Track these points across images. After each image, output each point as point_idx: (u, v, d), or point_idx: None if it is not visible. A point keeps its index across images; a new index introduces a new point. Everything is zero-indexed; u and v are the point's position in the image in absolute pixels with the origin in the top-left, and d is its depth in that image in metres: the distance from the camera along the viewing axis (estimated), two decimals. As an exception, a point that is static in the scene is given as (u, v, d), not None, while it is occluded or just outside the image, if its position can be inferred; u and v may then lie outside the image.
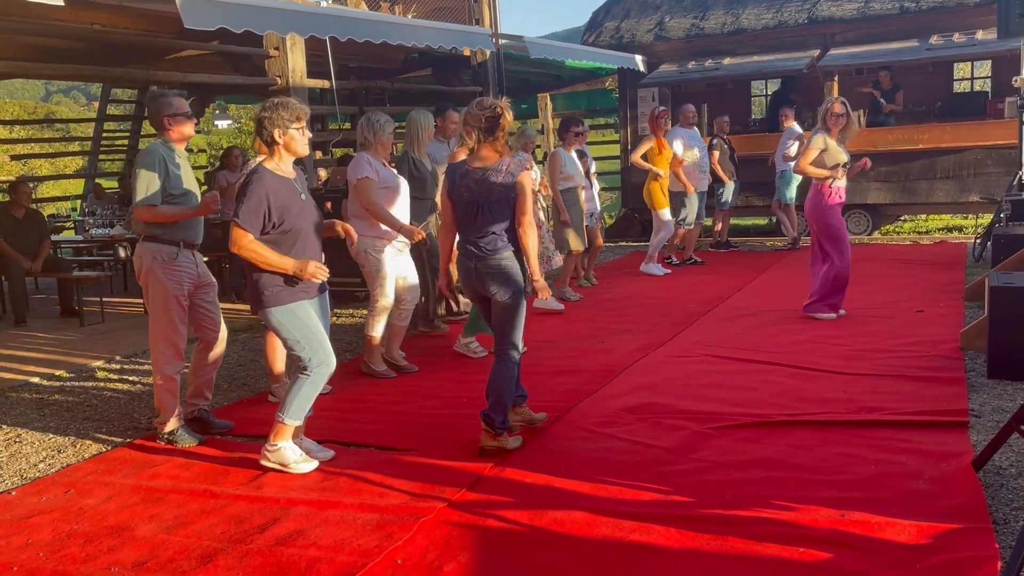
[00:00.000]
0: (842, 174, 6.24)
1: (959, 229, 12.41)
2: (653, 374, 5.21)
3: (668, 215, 8.99)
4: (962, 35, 11.06)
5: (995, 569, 2.63)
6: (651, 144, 8.84)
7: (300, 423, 3.86)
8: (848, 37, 11.91)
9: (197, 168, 13.29)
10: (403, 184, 5.49)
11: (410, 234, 5.26)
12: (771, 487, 3.39)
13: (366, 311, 5.58)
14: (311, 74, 8.83)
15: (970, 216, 12.43)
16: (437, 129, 6.52)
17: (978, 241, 9.14)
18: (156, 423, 4.43)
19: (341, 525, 3.28)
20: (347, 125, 12.47)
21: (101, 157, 15.80)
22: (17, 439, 4.65)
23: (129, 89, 14.90)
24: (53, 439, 4.61)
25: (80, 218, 11.77)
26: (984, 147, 10.78)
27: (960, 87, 13.29)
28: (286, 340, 3.82)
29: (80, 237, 10.67)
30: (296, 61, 8.55)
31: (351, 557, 3.00)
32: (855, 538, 2.92)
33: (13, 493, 3.84)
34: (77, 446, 4.47)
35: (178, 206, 4.30)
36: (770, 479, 3.48)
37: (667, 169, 8.91)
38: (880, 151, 10.98)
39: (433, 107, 6.78)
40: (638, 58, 12.87)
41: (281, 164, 3.80)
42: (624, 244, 12.54)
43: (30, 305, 8.38)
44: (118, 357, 6.50)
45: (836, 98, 6.45)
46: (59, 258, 9.33)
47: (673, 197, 9.22)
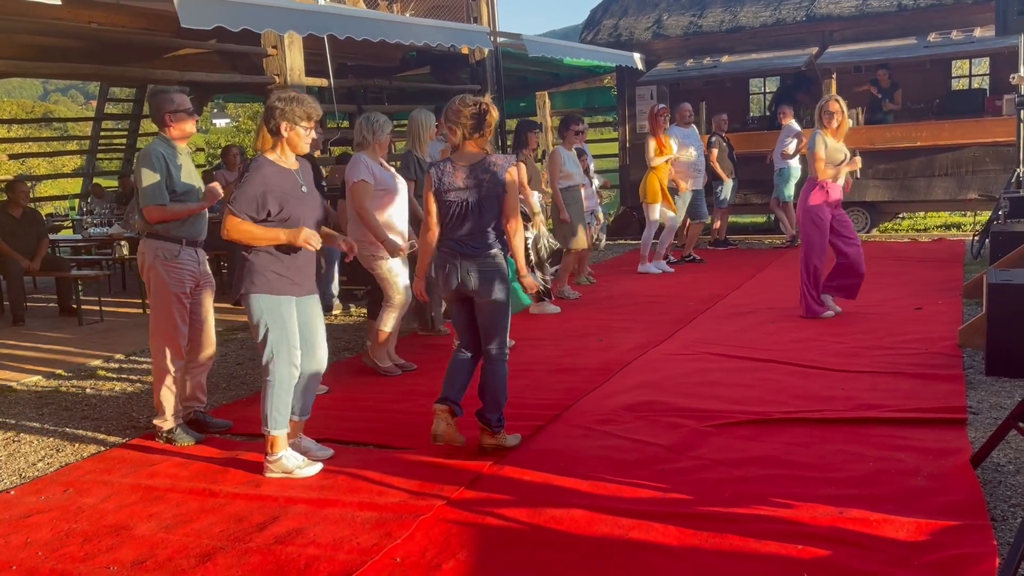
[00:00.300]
0: (842, 172, 6.24)
1: (957, 226, 12.41)
2: (652, 372, 5.21)
3: (656, 213, 8.96)
4: (960, 32, 11.05)
5: (993, 565, 2.63)
6: (653, 145, 8.87)
7: (288, 429, 3.84)
8: (846, 35, 11.92)
9: (195, 167, 13.20)
10: (401, 184, 5.45)
11: (393, 250, 5.16)
12: (770, 484, 3.40)
13: (365, 310, 5.57)
14: (309, 72, 8.82)
15: (968, 213, 12.43)
16: (439, 128, 6.51)
17: (976, 238, 9.15)
18: (155, 421, 4.43)
19: (340, 523, 3.28)
20: (345, 123, 12.45)
21: (99, 156, 15.80)
22: (16, 438, 4.64)
23: (127, 88, 14.89)
24: (52, 438, 4.60)
25: (78, 217, 11.76)
26: (982, 144, 10.79)
27: (958, 84, 13.28)
28: (257, 331, 3.75)
29: (78, 236, 10.66)
30: (294, 59, 8.54)
31: (350, 555, 3.00)
32: (853, 535, 2.92)
33: (12, 492, 3.84)
34: (76, 445, 4.47)
35: (183, 203, 4.30)
36: (769, 476, 3.48)
37: (667, 170, 8.94)
38: (878, 149, 11.00)
39: (434, 106, 6.77)
40: (636, 56, 12.86)
41: (283, 156, 3.79)
42: (623, 242, 12.55)
43: (28, 304, 8.37)
44: (117, 356, 6.49)
45: (831, 96, 6.45)
46: (57, 257, 9.33)
47: (673, 194, 9.23)
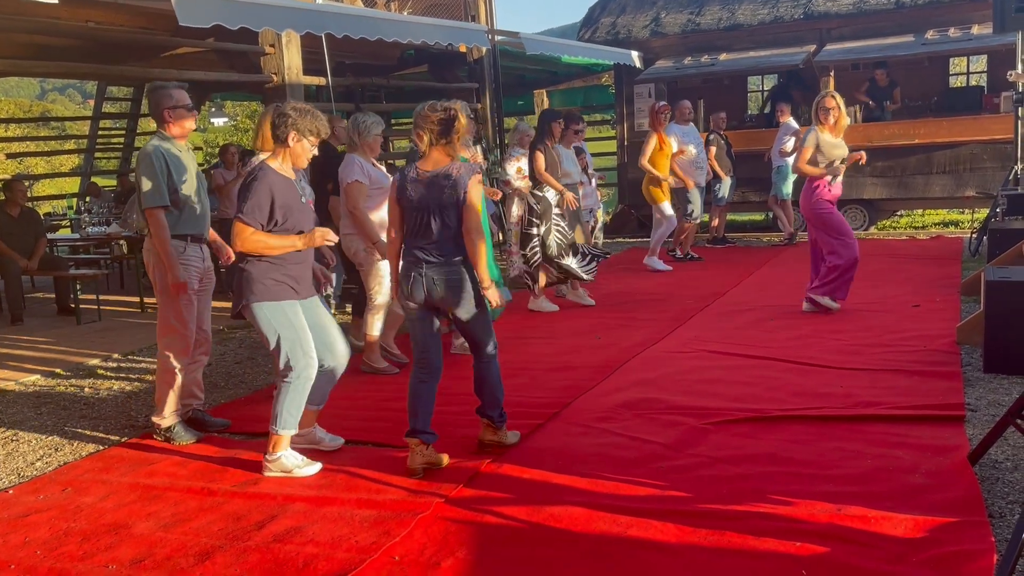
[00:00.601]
0: (842, 170, 6.23)
1: (955, 224, 12.42)
2: (650, 370, 5.21)
3: (669, 208, 9.01)
4: (958, 30, 11.06)
5: (991, 562, 2.64)
6: (654, 142, 8.87)
7: (295, 431, 3.86)
8: (844, 32, 11.92)
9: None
10: None
11: (384, 252, 5.15)
12: (768, 482, 3.40)
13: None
14: (307, 71, 8.81)
15: (966, 211, 12.44)
16: None
17: (974, 236, 9.15)
18: (153, 419, 4.42)
19: (339, 522, 3.28)
20: (344, 122, 12.44)
21: (97, 155, 15.77)
22: (14, 437, 4.64)
23: (125, 87, 14.86)
24: (50, 437, 4.60)
25: (76, 216, 11.74)
26: (980, 142, 10.78)
27: (956, 82, 13.28)
28: (268, 340, 3.77)
29: (76, 235, 10.65)
30: (292, 58, 8.52)
31: (348, 553, 3.00)
32: (852, 532, 2.92)
33: (10, 491, 3.84)
34: (74, 444, 4.47)
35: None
36: (767, 474, 3.48)
37: (667, 167, 8.95)
38: (876, 146, 10.99)
39: None
40: (634, 54, 12.86)
41: (284, 164, 3.81)
42: (621, 240, 12.55)
43: (27, 304, 8.37)
44: (115, 355, 6.49)
45: (828, 92, 6.44)
46: (55, 256, 9.32)
47: (675, 194, 9.24)
